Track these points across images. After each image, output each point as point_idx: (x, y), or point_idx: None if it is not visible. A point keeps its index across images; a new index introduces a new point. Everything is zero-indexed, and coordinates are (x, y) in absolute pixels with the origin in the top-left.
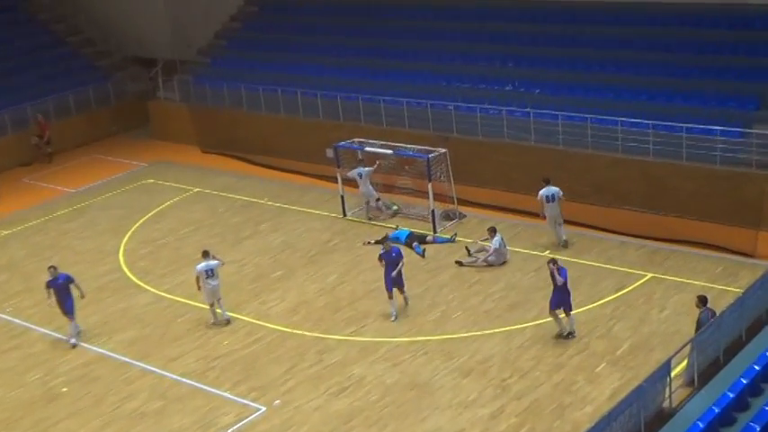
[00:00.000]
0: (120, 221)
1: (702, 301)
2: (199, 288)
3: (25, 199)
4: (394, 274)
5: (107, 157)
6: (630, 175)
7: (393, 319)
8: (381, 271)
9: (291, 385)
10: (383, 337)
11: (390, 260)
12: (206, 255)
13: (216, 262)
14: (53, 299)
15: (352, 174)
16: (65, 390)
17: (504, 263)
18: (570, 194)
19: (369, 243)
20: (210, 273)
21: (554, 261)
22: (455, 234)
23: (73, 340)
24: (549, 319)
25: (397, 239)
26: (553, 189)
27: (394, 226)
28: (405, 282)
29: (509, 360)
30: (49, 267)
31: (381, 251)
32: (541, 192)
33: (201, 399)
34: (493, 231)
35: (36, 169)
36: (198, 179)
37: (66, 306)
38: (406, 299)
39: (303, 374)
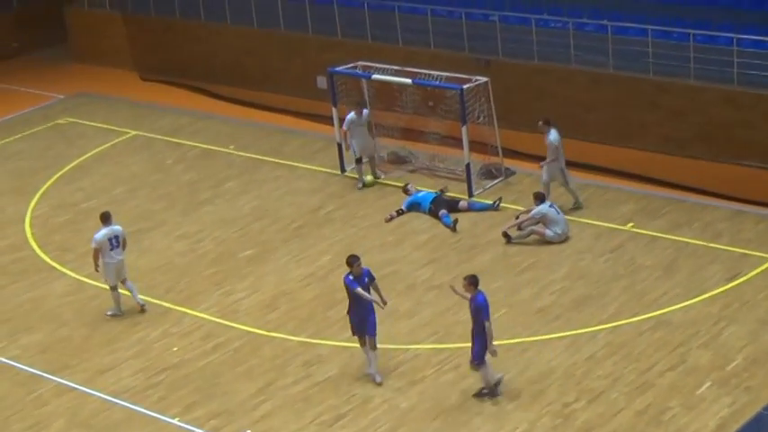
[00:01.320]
0: (25, 177)
1: None
2: (97, 267)
3: None
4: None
5: (5, 86)
6: (753, 117)
7: (377, 381)
8: (392, 251)
9: (267, 410)
10: (396, 344)
11: (362, 287)
12: (107, 219)
13: (120, 228)
14: None
15: (345, 125)
16: None
17: (566, 239)
18: (666, 144)
19: (393, 217)
20: (115, 243)
21: (472, 278)
22: (499, 199)
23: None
24: (630, 320)
25: (417, 206)
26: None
27: (405, 186)
28: (377, 325)
29: (574, 378)
30: None
31: (346, 274)
32: (552, 137)
33: (140, 428)
34: (540, 198)
35: None
36: (136, 118)
37: None
38: (373, 346)
39: (284, 395)
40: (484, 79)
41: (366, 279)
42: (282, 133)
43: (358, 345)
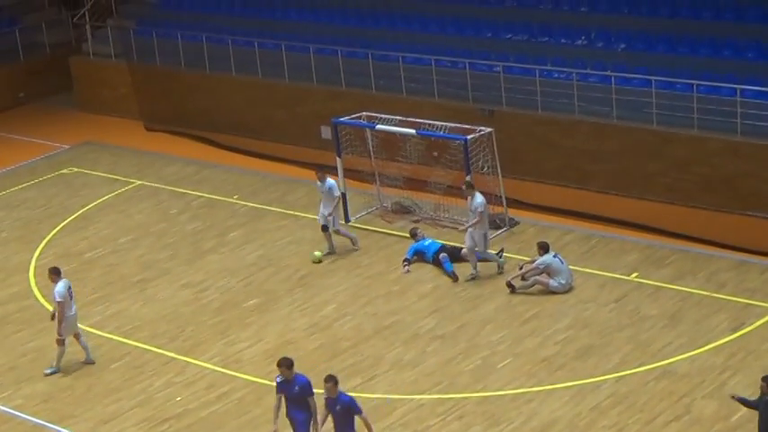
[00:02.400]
0: (31, 226)
1: None
2: (60, 320)
3: None
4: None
5: (12, 136)
6: (756, 168)
7: None
8: (397, 300)
9: None
10: (401, 394)
11: (292, 395)
12: (59, 273)
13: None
14: None
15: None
16: None
17: (570, 289)
18: (670, 194)
19: (407, 266)
20: (71, 294)
21: None
22: (502, 250)
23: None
24: (635, 370)
25: (422, 254)
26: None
27: (414, 230)
28: None
29: (578, 428)
30: None
31: (277, 378)
32: (477, 201)
33: None
34: (544, 249)
35: None
36: (141, 168)
37: None
38: None
39: None
40: (488, 129)
41: (296, 388)
42: (287, 183)
43: (364, 394)
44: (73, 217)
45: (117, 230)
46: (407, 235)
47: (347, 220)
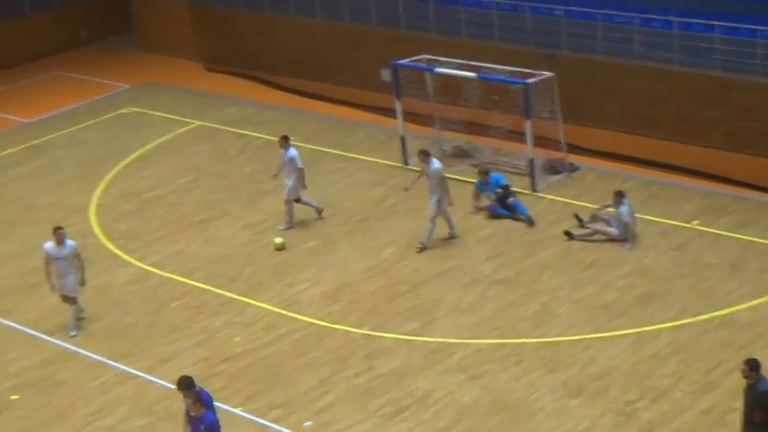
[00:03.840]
0: (91, 166)
1: (752, 366)
2: (52, 285)
3: None
4: None
5: (73, 75)
6: None
7: None
8: (456, 244)
9: (329, 401)
10: (459, 338)
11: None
12: (54, 231)
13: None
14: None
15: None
16: (15, 398)
17: (629, 237)
18: (732, 141)
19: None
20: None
21: None
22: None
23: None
24: (695, 318)
25: (485, 186)
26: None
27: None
28: None
29: (637, 376)
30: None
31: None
32: (435, 167)
33: None
34: (620, 196)
35: None
36: (201, 108)
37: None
38: None
39: (345, 387)
40: (549, 74)
41: (203, 426)
42: (346, 125)
43: (422, 338)
44: (132, 157)
45: (176, 171)
46: (466, 179)
47: (406, 163)
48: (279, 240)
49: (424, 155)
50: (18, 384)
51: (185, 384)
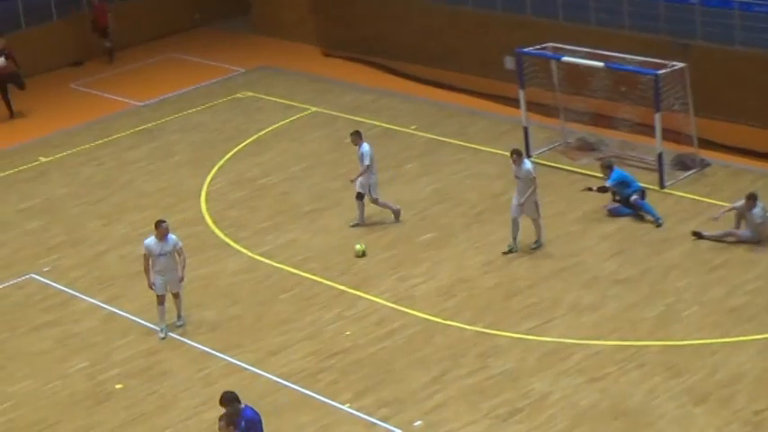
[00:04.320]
0: (204, 150)
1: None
2: (151, 283)
3: (73, 113)
4: None
5: (187, 57)
6: None
7: None
8: (577, 241)
9: (440, 401)
10: (578, 339)
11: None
12: (158, 226)
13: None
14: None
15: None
16: (119, 387)
17: (762, 240)
18: None
19: (591, 190)
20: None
21: None
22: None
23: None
24: None
25: (625, 185)
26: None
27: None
28: None
29: (767, 383)
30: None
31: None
32: (527, 167)
33: (309, 412)
34: (753, 200)
35: (89, 71)
36: (317, 94)
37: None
38: None
39: (458, 386)
40: (681, 65)
41: (243, 424)
42: (467, 114)
43: (539, 337)
44: (246, 142)
45: (290, 158)
46: (590, 173)
47: (529, 155)
48: (359, 247)
49: (517, 154)
50: (122, 373)
51: (226, 400)
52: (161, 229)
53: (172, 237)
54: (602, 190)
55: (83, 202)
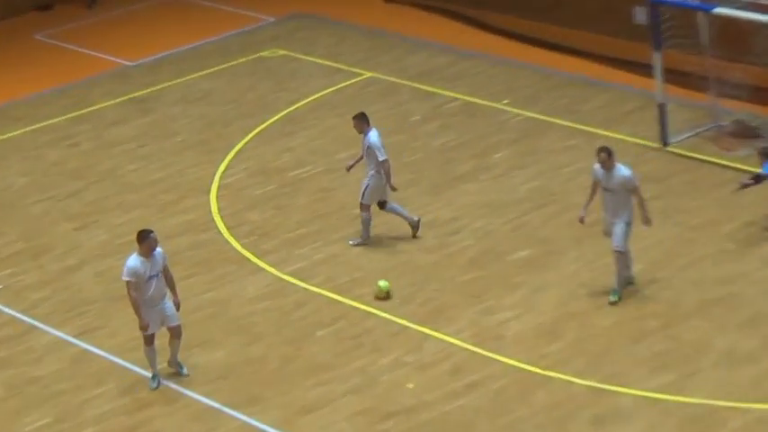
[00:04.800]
0: (215, 129)
1: None
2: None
3: (38, 74)
4: None
5: (194, 0)
6: None
7: None
8: (732, 263)
9: None
10: (732, 400)
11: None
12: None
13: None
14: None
15: None
16: None
17: None
18: None
19: (746, 186)
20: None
21: None
22: None
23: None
24: None
25: None
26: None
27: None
28: None
29: None
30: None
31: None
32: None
33: None
34: None
35: (61, 17)
36: (373, 54)
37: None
38: None
39: None
40: None
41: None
42: (579, 85)
43: (676, 397)
44: (274, 119)
45: (335, 141)
46: (750, 168)
47: (665, 143)
48: (383, 283)
49: (607, 154)
50: None
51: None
52: (148, 242)
53: (158, 250)
54: (758, 180)
55: (48, 197)
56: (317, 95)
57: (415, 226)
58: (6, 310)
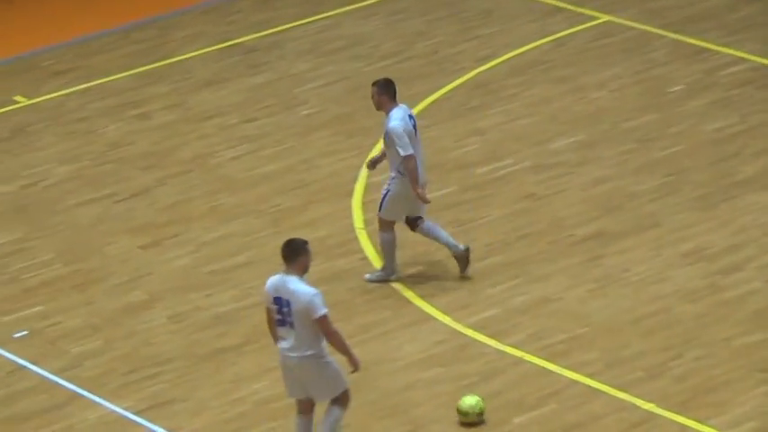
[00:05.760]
0: (364, 98)
1: None
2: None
3: (99, 5)
4: None
5: None
6: None
7: None
8: None
9: None
10: None
11: None
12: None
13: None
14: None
15: None
16: None
17: None
18: None
19: None
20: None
21: None
22: None
23: None
24: None
25: None
26: None
27: None
28: None
29: None
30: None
31: None
32: None
33: None
34: None
35: None
36: None
37: None
38: None
39: None
40: None
41: None
42: None
43: None
44: (455, 83)
45: (549, 121)
46: None
47: None
48: (472, 401)
49: None
50: None
51: None
52: (307, 255)
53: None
54: None
55: (101, 197)
56: (522, 49)
57: (461, 258)
58: (34, 368)
